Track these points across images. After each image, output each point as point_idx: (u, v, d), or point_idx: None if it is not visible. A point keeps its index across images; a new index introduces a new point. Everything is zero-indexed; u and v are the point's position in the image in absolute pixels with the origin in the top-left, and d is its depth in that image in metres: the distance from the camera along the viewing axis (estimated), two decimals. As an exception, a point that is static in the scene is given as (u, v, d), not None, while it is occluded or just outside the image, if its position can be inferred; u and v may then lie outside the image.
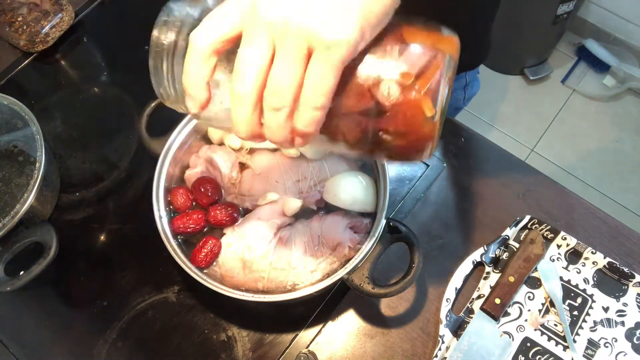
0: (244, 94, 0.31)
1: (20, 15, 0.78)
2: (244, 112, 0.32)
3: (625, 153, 1.78)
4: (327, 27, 0.29)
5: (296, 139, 0.33)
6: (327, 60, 0.30)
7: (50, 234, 0.60)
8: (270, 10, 0.30)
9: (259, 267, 0.58)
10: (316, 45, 0.30)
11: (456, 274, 0.62)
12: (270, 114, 0.31)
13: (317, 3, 0.30)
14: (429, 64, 0.33)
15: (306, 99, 0.31)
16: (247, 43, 0.31)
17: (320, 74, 0.30)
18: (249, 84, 0.31)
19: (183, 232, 0.60)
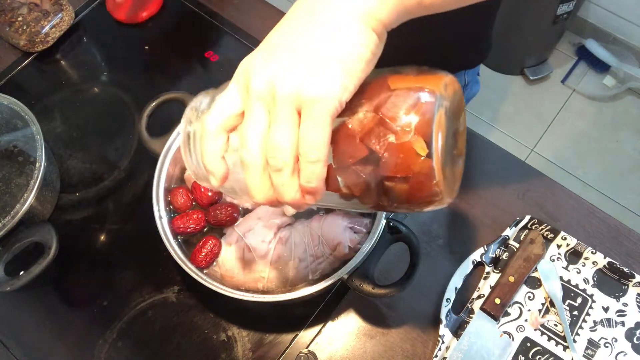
0: (251, 161, 0.34)
1: (20, 15, 0.78)
2: (254, 178, 0.34)
3: (625, 153, 1.78)
4: (310, 85, 0.31)
5: (306, 197, 0.35)
6: (315, 115, 0.32)
7: (50, 234, 0.60)
8: (257, 81, 0.33)
9: (259, 267, 0.58)
10: (303, 103, 0.32)
11: (456, 274, 0.62)
12: (275, 176, 0.34)
13: (298, 64, 0.32)
14: (416, 105, 0.33)
15: (303, 155, 0.32)
16: (246, 115, 0.34)
17: (310, 129, 0.32)
18: (253, 151, 0.33)
19: (183, 232, 0.60)
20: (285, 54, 0.33)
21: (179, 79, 0.79)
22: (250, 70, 0.34)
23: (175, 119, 0.64)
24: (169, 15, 0.84)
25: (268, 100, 0.33)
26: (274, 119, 0.33)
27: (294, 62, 0.32)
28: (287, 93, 0.32)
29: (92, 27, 0.84)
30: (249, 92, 0.33)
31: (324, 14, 0.33)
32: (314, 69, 0.32)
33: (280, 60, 0.33)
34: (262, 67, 0.33)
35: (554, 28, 1.75)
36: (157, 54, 0.81)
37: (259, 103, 0.33)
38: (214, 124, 0.35)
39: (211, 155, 0.36)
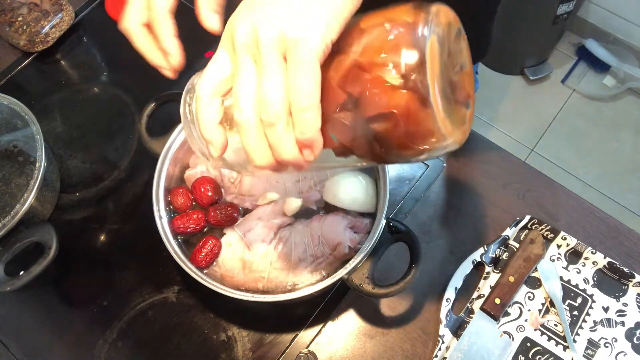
0: (245, 120, 0.32)
1: (20, 15, 0.78)
2: (250, 139, 0.32)
3: (625, 153, 1.78)
4: (293, 26, 0.30)
5: (305, 153, 0.32)
6: (301, 58, 0.30)
7: (50, 234, 0.60)
8: (239, 32, 0.31)
9: (259, 267, 0.58)
10: (288, 47, 0.30)
11: (456, 274, 0.62)
12: (270, 133, 0.32)
13: (280, 8, 0.31)
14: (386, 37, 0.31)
15: (294, 103, 0.30)
16: (236, 73, 0.32)
17: (298, 73, 0.30)
18: (246, 109, 0.31)
19: (183, 232, 0.60)
20: (266, 3, 0.32)
21: (179, 79, 0.79)
22: (233, 25, 0.32)
23: (176, 118, 0.64)
24: (169, 15, 0.84)
25: (253, 50, 0.31)
26: (261, 69, 0.31)
27: (276, 6, 0.31)
28: (270, 38, 0.30)
29: (92, 27, 0.84)
30: (235, 47, 0.32)
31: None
32: (296, 10, 0.30)
33: (261, 7, 0.31)
34: (244, 18, 0.32)
35: (554, 28, 1.75)
36: (157, 54, 0.81)
37: (245, 56, 0.31)
38: (206, 90, 0.34)
39: (207, 123, 0.34)
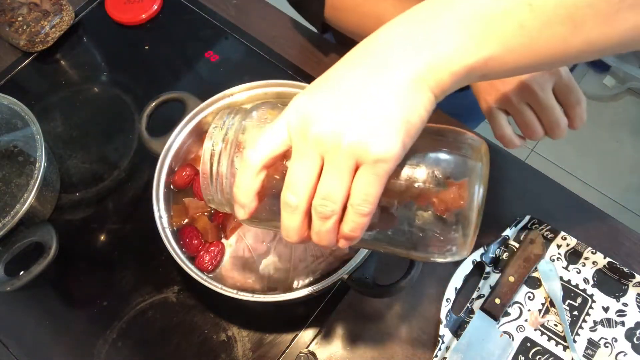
0: (296, 205, 0.34)
1: (20, 15, 0.78)
2: (295, 220, 0.35)
3: (625, 153, 1.78)
4: (374, 143, 0.32)
5: (340, 241, 0.35)
6: (375, 173, 0.32)
7: (50, 234, 0.60)
8: (319, 128, 0.33)
9: (259, 267, 0.58)
10: (364, 159, 0.32)
11: (456, 274, 0.62)
12: (320, 222, 0.34)
13: (362, 118, 0.32)
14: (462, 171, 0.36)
15: (354, 207, 0.33)
16: (298, 158, 0.34)
17: (367, 185, 0.32)
18: (301, 196, 0.34)
19: None
20: (349, 104, 0.33)
21: (179, 79, 0.79)
22: (311, 116, 0.33)
23: (176, 119, 0.64)
24: (169, 15, 0.84)
25: (327, 148, 0.33)
26: (332, 168, 0.33)
27: (360, 115, 0.32)
28: (352, 147, 0.32)
29: (92, 27, 0.84)
30: (306, 136, 0.33)
31: (388, 76, 0.33)
32: (381, 127, 0.32)
33: (344, 111, 0.33)
34: (325, 116, 0.33)
35: (554, 28, 1.75)
36: (157, 54, 0.81)
37: (315, 148, 0.33)
38: (258, 160, 0.35)
39: (248, 191, 0.36)
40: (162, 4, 0.84)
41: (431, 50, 0.33)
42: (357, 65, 0.34)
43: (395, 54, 0.33)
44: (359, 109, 0.32)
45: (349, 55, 0.35)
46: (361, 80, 0.33)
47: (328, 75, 0.35)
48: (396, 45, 0.33)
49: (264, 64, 0.78)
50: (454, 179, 0.35)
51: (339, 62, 0.35)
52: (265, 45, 0.80)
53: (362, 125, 0.32)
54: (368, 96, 0.33)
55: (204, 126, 0.66)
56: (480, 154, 0.37)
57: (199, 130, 0.66)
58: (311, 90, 0.35)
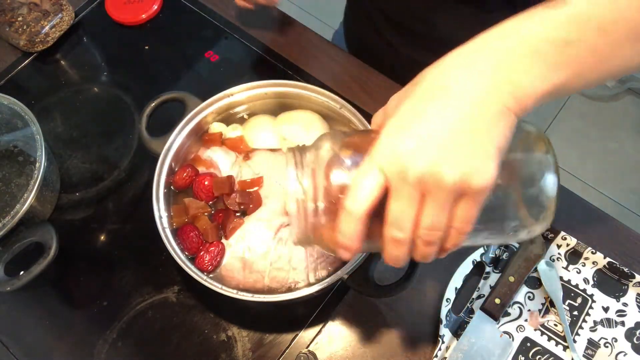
0: (404, 240, 0.36)
1: (20, 15, 0.78)
2: (402, 251, 0.36)
3: (625, 153, 1.78)
4: (475, 178, 0.33)
5: (442, 254, 0.38)
6: (476, 201, 0.34)
7: (50, 234, 0.60)
8: (419, 171, 0.33)
9: (259, 267, 0.58)
10: (466, 192, 0.34)
11: (456, 274, 0.62)
12: (426, 247, 0.36)
13: (459, 155, 0.33)
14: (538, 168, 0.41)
15: (457, 229, 0.35)
16: (400, 198, 0.35)
17: (469, 210, 0.34)
18: (407, 231, 0.35)
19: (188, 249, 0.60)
20: (443, 143, 0.33)
21: (179, 79, 0.79)
22: (408, 160, 0.34)
23: (176, 119, 0.64)
24: (169, 15, 0.84)
25: (430, 188, 0.34)
26: (436, 204, 0.34)
27: (456, 152, 0.33)
28: (455, 185, 0.33)
29: (92, 27, 0.84)
30: (406, 180, 0.34)
31: (476, 110, 0.34)
32: (479, 162, 0.33)
33: (440, 151, 0.33)
34: (422, 158, 0.33)
35: (554, 28, 1.75)
36: (157, 54, 0.81)
37: (417, 189, 0.34)
38: (362, 210, 0.35)
39: (353, 237, 0.36)
40: (162, 4, 0.84)
41: (514, 85, 0.34)
42: (439, 103, 0.35)
43: (478, 90, 0.34)
44: (454, 147, 0.33)
45: (422, 89, 0.36)
46: (449, 119, 0.34)
47: (408, 114, 0.36)
48: (477, 81, 0.34)
49: (264, 64, 0.78)
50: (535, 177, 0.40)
51: (414, 97, 0.36)
52: (265, 45, 0.80)
53: (461, 163, 0.33)
54: (460, 133, 0.33)
55: (204, 126, 0.66)
56: (547, 143, 0.40)
57: (199, 130, 0.66)
58: (397, 132, 0.35)
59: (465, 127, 0.34)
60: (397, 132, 0.35)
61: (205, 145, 0.65)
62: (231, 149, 0.65)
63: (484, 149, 0.33)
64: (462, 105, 0.34)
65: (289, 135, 0.64)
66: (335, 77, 0.76)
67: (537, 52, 0.34)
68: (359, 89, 0.75)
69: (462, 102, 0.34)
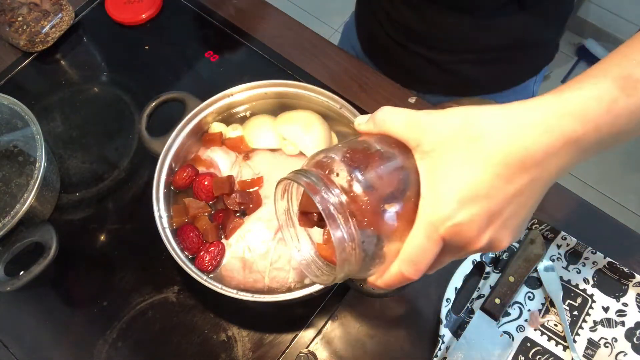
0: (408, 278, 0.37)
1: (20, 15, 0.78)
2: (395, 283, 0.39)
3: (625, 153, 1.78)
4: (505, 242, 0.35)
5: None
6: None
7: (50, 234, 0.60)
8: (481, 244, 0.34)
9: (259, 267, 0.58)
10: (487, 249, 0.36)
11: (456, 274, 0.62)
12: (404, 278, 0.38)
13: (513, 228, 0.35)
14: None
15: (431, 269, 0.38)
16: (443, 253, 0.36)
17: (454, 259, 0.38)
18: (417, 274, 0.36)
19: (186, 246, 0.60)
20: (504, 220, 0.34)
21: (179, 79, 0.79)
22: (471, 234, 0.34)
23: (176, 119, 0.64)
24: (169, 15, 0.84)
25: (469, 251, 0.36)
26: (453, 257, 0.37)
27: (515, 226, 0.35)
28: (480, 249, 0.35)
29: (92, 27, 0.84)
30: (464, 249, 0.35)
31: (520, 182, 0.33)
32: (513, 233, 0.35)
33: (505, 223, 0.34)
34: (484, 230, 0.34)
35: (554, 28, 1.75)
36: (157, 54, 0.81)
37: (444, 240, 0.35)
38: (421, 273, 0.36)
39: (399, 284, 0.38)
40: (162, 4, 0.84)
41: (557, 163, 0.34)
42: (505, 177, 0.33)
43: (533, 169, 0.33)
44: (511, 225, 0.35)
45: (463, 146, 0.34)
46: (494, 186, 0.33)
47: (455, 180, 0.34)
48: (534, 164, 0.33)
49: (264, 64, 0.78)
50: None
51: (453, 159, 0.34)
52: (265, 45, 0.80)
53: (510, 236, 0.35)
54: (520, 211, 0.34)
55: (204, 126, 0.66)
56: None
57: (199, 130, 0.66)
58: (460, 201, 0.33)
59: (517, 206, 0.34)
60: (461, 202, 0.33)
61: (205, 145, 0.65)
62: (231, 149, 0.65)
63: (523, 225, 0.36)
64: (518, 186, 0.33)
65: (289, 135, 0.64)
66: (335, 77, 0.76)
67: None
68: (359, 89, 0.75)
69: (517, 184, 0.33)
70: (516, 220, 0.34)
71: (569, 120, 0.32)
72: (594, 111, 0.33)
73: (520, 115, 0.33)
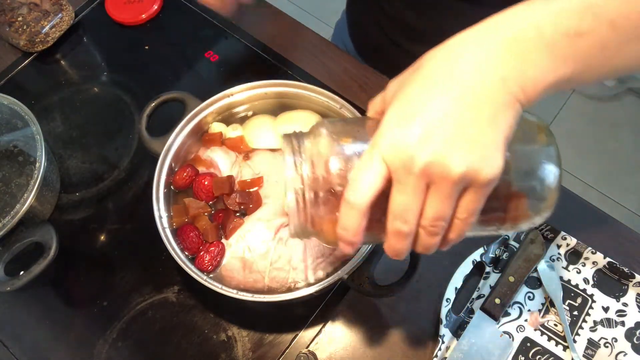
0: (408, 232, 0.35)
1: (20, 15, 0.78)
2: (405, 244, 0.36)
3: (625, 153, 1.78)
4: (482, 169, 0.33)
5: (445, 245, 0.38)
6: (482, 193, 0.34)
7: (50, 234, 0.60)
8: (425, 162, 0.33)
9: (259, 267, 0.58)
10: (473, 184, 0.33)
11: (456, 274, 0.62)
12: (429, 238, 0.36)
13: (464, 146, 0.33)
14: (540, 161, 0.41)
15: (461, 220, 0.35)
16: (404, 190, 0.34)
17: (474, 202, 0.34)
18: (412, 223, 0.35)
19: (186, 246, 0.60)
20: (449, 133, 0.33)
21: (179, 79, 0.79)
22: (412, 150, 0.33)
23: (176, 119, 0.64)
24: (169, 15, 0.84)
25: (435, 179, 0.33)
26: (442, 196, 0.33)
27: (462, 143, 0.33)
28: (461, 177, 0.32)
29: (92, 27, 0.84)
30: (411, 171, 0.33)
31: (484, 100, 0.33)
32: (485, 152, 0.33)
33: (446, 142, 0.33)
34: (427, 149, 0.33)
35: (554, 28, 1.75)
36: (157, 54, 0.81)
37: (422, 181, 0.33)
38: (364, 202, 0.34)
39: (355, 230, 0.36)
40: (162, 4, 0.84)
41: (522, 75, 0.33)
42: (443, 90, 0.34)
43: (485, 79, 0.33)
44: (461, 137, 0.33)
45: (426, 75, 0.35)
46: (455, 108, 0.33)
47: (412, 102, 0.34)
48: (484, 69, 0.33)
49: (264, 64, 0.78)
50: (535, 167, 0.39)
51: (417, 83, 0.35)
52: (266, 45, 0.80)
53: (467, 153, 0.32)
54: (467, 123, 0.33)
55: (204, 126, 0.66)
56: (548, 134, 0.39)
57: (199, 130, 0.66)
58: (401, 121, 0.34)
59: (472, 117, 0.33)
60: (400, 120, 0.34)
61: (205, 145, 0.65)
62: (231, 149, 0.65)
63: (491, 139, 0.33)
64: (469, 93, 0.33)
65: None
66: (335, 77, 0.76)
67: (548, 42, 0.33)
68: (359, 89, 0.75)
69: (468, 91, 0.33)
70: (463, 137, 0.33)
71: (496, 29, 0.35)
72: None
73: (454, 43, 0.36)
